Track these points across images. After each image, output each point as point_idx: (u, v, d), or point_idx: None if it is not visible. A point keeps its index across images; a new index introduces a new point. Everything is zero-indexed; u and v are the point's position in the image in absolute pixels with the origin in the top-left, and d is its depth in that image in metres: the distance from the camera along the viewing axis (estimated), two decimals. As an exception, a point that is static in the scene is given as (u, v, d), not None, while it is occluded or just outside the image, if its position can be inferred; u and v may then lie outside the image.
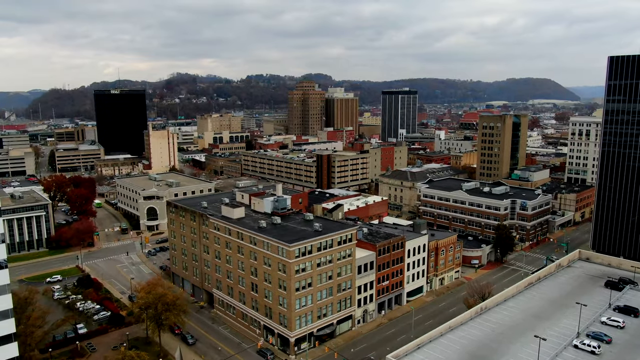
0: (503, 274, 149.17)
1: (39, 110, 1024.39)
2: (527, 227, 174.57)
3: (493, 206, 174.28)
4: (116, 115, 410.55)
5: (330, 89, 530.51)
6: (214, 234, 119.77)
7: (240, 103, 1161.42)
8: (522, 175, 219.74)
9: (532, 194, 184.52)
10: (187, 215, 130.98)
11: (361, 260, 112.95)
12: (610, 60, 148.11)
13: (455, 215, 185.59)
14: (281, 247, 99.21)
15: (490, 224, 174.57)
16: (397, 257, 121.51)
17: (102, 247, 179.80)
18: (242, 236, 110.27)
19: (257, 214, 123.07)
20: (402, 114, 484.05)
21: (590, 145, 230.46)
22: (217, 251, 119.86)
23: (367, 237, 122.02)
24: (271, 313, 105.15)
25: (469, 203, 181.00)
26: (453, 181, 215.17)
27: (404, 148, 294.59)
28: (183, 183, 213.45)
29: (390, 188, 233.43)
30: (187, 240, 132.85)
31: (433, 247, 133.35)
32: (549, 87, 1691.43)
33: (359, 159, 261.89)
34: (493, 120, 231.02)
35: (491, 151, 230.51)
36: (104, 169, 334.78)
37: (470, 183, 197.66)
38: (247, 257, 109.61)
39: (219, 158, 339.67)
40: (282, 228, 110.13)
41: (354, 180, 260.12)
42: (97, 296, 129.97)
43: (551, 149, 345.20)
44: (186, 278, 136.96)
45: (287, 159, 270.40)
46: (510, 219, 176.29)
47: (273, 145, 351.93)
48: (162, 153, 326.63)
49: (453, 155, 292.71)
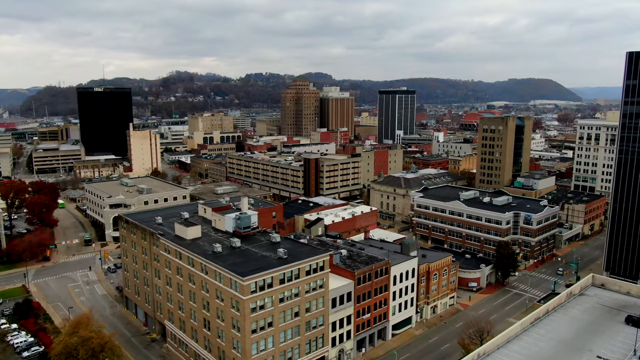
0: (505, 299, 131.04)
1: (33, 108, 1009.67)
2: (531, 244, 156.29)
3: (494, 219, 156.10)
4: (100, 114, 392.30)
5: (325, 88, 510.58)
6: (165, 257, 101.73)
7: (237, 102, 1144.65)
8: (525, 183, 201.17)
9: (537, 206, 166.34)
10: (138, 233, 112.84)
11: (336, 291, 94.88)
12: (629, 57, 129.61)
13: (452, 228, 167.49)
14: (234, 279, 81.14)
15: (490, 239, 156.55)
16: (380, 286, 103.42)
17: (59, 262, 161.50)
18: (192, 262, 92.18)
19: (218, 234, 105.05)
20: (400, 114, 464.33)
21: (600, 150, 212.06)
22: (169, 277, 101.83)
23: (346, 261, 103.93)
24: (225, 357, 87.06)
25: (467, 215, 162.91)
26: (450, 189, 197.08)
27: (399, 151, 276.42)
28: (156, 189, 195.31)
29: (382, 195, 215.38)
30: (139, 262, 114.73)
31: (424, 272, 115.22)
32: (550, 87, 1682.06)
33: (350, 163, 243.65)
34: (494, 122, 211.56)
35: (492, 156, 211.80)
36: (82, 171, 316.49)
37: (469, 192, 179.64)
38: (198, 288, 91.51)
39: (204, 160, 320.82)
40: (241, 254, 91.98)
41: (345, 186, 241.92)
42: (34, 326, 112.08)
43: (555, 153, 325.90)
44: (139, 304, 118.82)
45: (273, 162, 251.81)
46: (513, 234, 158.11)
47: (262, 146, 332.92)
48: (144, 154, 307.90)
49: (451, 160, 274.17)
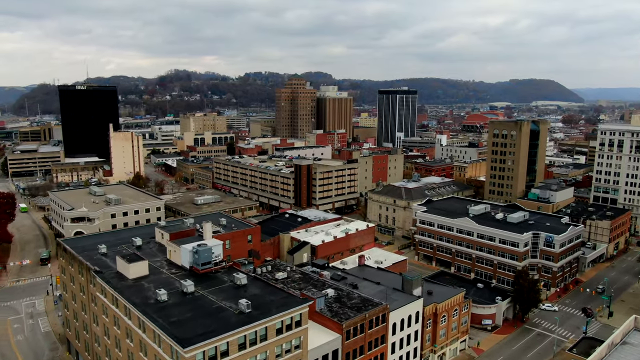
0: (526, 341, 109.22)
1: (25, 106, 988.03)
2: (553, 269, 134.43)
3: (509, 241, 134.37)
4: (83, 113, 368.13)
5: (322, 88, 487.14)
6: (102, 301, 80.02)
7: (235, 101, 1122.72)
8: (541, 195, 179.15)
9: (558, 224, 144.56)
10: (76, 265, 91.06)
11: (318, 350, 73.19)
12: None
13: (460, 249, 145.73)
14: (174, 348, 59.46)
15: (505, 263, 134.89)
16: (376, 337, 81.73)
17: (4, 287, 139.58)
18: (130, 313, 70.56)
19: (171, 269, 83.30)
20: (401, 115, 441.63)
21: (623, 158, 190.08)
22: (106, 327, 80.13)
23: (332, 306, 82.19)
24: None
25: (478, 235, 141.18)
26: (457, 201, 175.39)
27: (399, 156, 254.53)
28: (127, 200, 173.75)
29: (381, 207, 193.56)
30: (78, 301, 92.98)
31: (430, 314, 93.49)
32: (552, 88, 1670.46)
33: (346, 170, 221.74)
34: (506, 127, 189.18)
35: (503, 164, 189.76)
36: (60, 175, 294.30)
37: (479, 206, 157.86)
38: (136, 349, 69.85)
39: (190, 164, 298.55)
40: (192, 303, 70.24)
41: (340, 195, 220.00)
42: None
43: (566, 158, 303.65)
44: (80, 352, 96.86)
45: (261, 168, 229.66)
46: (532, 257, 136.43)
47: (253, 150, 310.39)
48: (125, 158, 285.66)
49: (456, 166, 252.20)
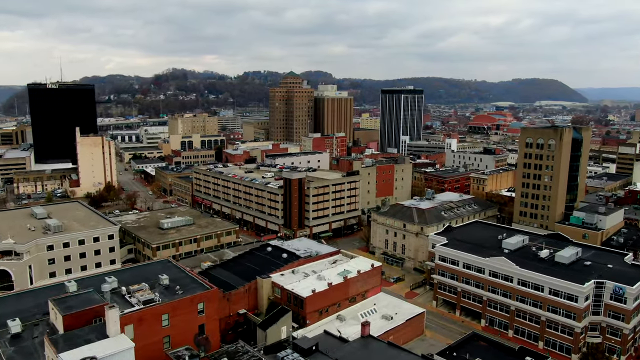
0: None
1: (15, 106, 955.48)
2: (623, 331, 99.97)
3: (564, 293, 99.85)
4: (55, 115, 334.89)
5: (320, 87, 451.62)
6: None
7: (232, 101, 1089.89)
8: (587, 220, 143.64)
9: (622, 264, 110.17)
10: None
11: None
12: None
13: (494, 297, 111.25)
14: None
15: (557, 321, 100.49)
16: None
17: None
18: None
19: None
20: (405, 117, 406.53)
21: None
22: None
23: None
24: None
25: (519, 281, 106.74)
26: (483, 228, 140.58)
27: (407, 166, 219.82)
28: (73, 225, 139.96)
29: (387, 232, 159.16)
30: None
31: None
32: (555, 88, 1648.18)
33: (345, 184, 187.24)
34: (543, 135, 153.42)
35: (539, 181, 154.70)
36: (22, 185, 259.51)
37: (515, 238, 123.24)
38: None
39: (169, 173, 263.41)
40: None
41: (338, 214, 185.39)
42: None
43: (595, 167, 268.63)
44: None
45: (246, 181, 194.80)
46: (593, 313, 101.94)
47: (241, 156, 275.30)
48: (95, 166, 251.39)
49: (473, 178, 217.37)
